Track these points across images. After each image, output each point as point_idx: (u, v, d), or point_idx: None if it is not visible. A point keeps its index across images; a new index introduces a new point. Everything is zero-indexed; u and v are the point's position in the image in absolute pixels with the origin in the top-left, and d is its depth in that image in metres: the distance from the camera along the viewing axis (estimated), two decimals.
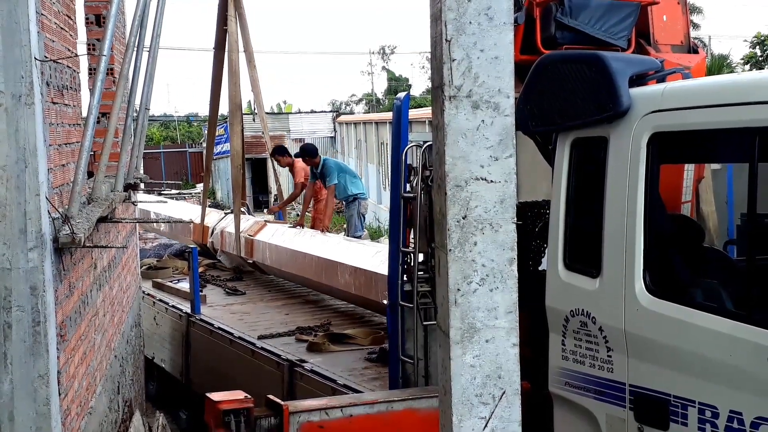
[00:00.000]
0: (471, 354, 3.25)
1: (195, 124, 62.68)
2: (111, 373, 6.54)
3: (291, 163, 14.00)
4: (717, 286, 4.46)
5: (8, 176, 3.88)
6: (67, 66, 5.10)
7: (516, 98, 3.50)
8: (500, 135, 3.22)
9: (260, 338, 8.76)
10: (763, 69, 26.70)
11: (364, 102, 72.74)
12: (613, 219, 4.53)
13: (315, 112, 45.33)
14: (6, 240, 3.90)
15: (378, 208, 27.65)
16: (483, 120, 3.20)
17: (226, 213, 13.64)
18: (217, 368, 9.27)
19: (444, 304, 3.31)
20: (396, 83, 68.27)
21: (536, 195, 5.89)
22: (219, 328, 9.42)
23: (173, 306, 10.80)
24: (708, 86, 4.73)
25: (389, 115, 20.03)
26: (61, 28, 4.91)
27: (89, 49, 7.69)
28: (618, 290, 4.47)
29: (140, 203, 10.60)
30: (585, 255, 4.78)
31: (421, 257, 6.21)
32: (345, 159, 33.31)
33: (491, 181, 3.22)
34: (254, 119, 21.59)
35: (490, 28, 3.18)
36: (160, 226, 14.96)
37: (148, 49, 7.19)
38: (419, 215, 6.11)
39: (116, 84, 5.98)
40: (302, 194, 14.03)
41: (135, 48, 6.13)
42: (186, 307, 10.42)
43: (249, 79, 11.97)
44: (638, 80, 4.75)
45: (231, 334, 9.11)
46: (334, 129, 39.77)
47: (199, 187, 29.92)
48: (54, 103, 4.56)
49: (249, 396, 5.62)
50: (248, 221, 12.40)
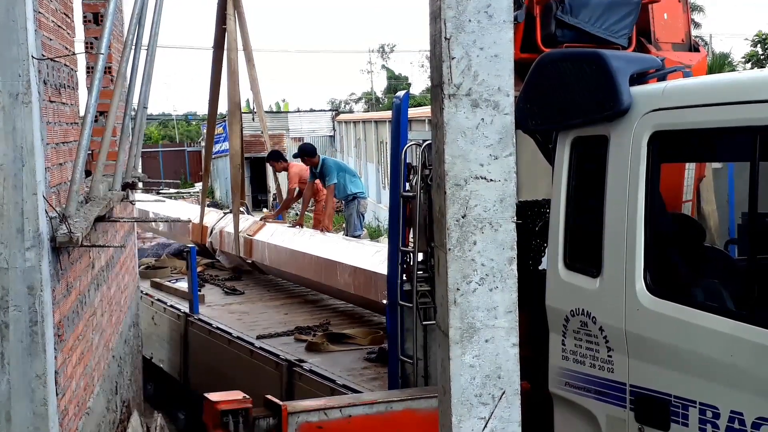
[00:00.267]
0: (470, 354, 3.24)
1: (194, 123, 62.72)
2: (109, 373, 6.52)
3: (286, 168, 13.99)
4: (718, 286, 4.44)
5: (5, 175, 3.86)
6: (65, 64, 5.08)
7: (516, 96, 3.48)
8: (500, 133, 3.20)
9: (259, 338, 8.75)
10: (765, 67, 26.71)
11: (364, 101, 72.63)
12: (614, 218, 4.52)
13: (314, 111, 45.32)
14: (3, 239, 3.88)
15: (377, 207, 27.66)
16: (483, 118, 3.18)
17: (225, 212, 13.63)
18: (216, 368, 9.25)
19: (443, 304, 3.29)
20: (395, 82, 68.15)
21: (536, 194, 5.88)
22: (217, 328, 9.40)
23: (171, 306, 10.79)
24: (709, 85, 4.72)
25: (388, 114, 20.04)
26: (59, 27, 4.88)
27: (87, 48, 7.65)
28: (618, 290, 4.45)
29: (138, 202, 10.57)
30: (585, 254, 4.77)
31: (421, 256, 6.19)
32: (344, 158, 33.34)
33: (491, 180, 3.20)
34: (253, 118, 21.52)
35: (490, 26, 3.16)
36: (159, 226, 14.95)
37: (146, 48, 7.18)
38: (419, 214, 6.08)
39: (114, 82, 5.97)
40: (298, 198, 14.05)
41: (133, 46, 6.11)
42: (184, 307, 10.40)
43: (248, 78, 11.96)
44: (639, 79, 4.74)
45: (229, 334, 9.10)
46: (334, 128, 39.79)
47: (198, 187, 29.97)
48: (51, 102, 4.54)
49: (247, 396, 5.61)
50: (247, 221, 12.39)
